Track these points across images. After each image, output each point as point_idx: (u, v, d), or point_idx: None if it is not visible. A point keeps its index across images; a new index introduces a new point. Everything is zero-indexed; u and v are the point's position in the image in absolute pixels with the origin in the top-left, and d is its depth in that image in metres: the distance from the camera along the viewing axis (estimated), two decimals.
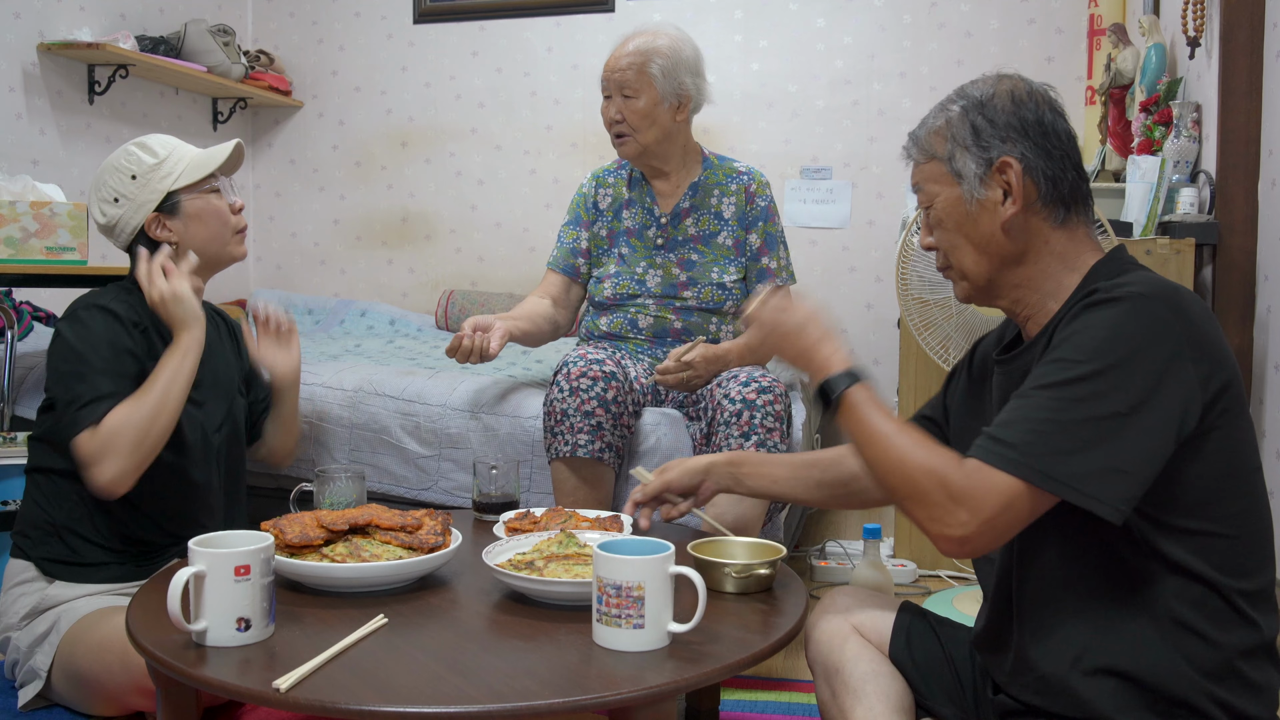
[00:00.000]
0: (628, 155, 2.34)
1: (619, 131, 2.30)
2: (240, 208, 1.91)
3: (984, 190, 1.20)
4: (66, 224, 2.40)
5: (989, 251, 1.22)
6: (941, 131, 1.24)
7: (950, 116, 1.24)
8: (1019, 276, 1.22)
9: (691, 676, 1.12)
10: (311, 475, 2.51)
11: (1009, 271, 1.22)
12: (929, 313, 2.34)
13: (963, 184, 1.21)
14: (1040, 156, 1.19)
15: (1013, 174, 1.18)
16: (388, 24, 4.55)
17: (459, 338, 2.21)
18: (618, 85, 2.28)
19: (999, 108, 1.21)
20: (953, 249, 1.25)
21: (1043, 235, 1.20)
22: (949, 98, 1.27)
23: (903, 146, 1.31)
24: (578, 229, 2.44)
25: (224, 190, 1.89)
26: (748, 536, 1.61)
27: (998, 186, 1.20)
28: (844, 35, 4.09)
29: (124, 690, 1.63)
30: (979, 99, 1.22)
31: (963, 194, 1.22)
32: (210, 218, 1.86)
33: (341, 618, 1.29)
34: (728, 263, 2.35)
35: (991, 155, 1.19)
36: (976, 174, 1.20)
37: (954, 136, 1.22)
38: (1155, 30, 2.94)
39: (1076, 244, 1.21)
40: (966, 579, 2.74)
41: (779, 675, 2.04)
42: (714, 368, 2.17)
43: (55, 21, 3.59)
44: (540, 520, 1.67)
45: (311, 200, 4.70)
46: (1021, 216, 1.19)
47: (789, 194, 4.14)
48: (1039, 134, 1.19)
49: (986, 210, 1.20)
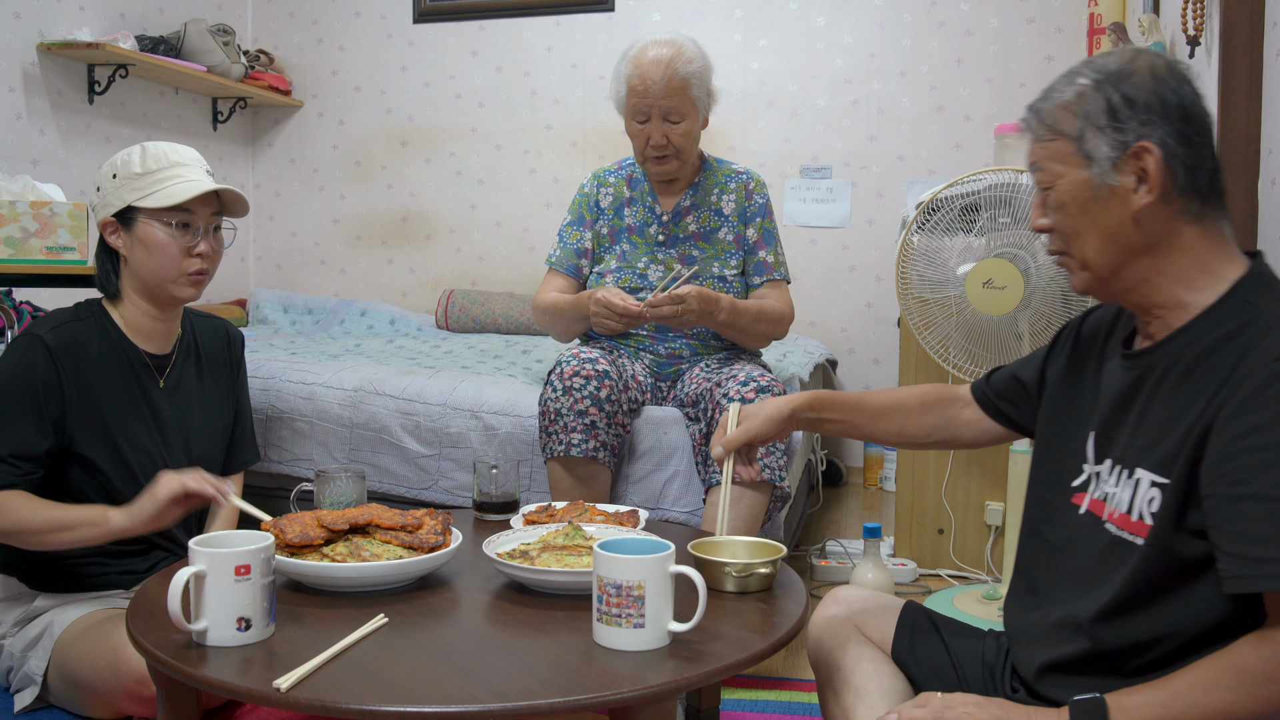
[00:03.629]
0: (668, 174, 2.32)
1: (663, 154, 2.27)
2: (205, 253, 1.76)
3: (1116, 175, 1.10)
4: (66, 224, 2.40)
5: (1116, 241, 1.12)
6: (1071, 107, 1.12)
7: (1082, 90, 1.12)
8: (1146, 270, 1.12)
9: (691, 676, 1.12)
10: (311, 475, 2.52)
11: (1135, 264, 1.12)
12: (929, 312, 2.34)
13: (1092, 167, 1.11)
14: (1180, 143, 1.08)
15: (1151, 160, 1.08)
16: (387, 24, 4.55)
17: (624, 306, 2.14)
18: (662, 111, 2.22)
19: (1139, 85, 1.09)
20: (1075, 236, 1.15)
21: (1175, 228, 1.10)
22: (1076, 69, 1.14)
23: (1021, 119, 1.19)
24: (581, 229, 2.44)
25: (197, 231, 1.76)
26: (748, 536, 1.61)
27: (1131, 172, 1.09)
28: (844, 34, 4.08)
29: (115, 696, 1.63)
30: (1116, 73, 1.10)
31: (1091, 178, 1.11)
32: (156, 250, 1.73)
33: (342, 617, 1.29)
34: (728, 257, 2.35)
35: (1128, 138, 1.08)
36: (1109, 157, 1.10)
37: (1086, 114, 1.11)
38: (1155, 29, 2.94)
39: (1211, 242, 1.11)
40: (967, 578, 2.74)
41: (779, 675, 2.04)
42: (707, 307, 2.14)
43: (55, 21, 3.59)
44: (558, 514, 1.69)
45: (311, 200, 4.70)
46: (1154, 206, 1.09)
47: (789, 193, 4.14)
48: (1180, 117, 1.08)
49: (1117, 197, 1.10)
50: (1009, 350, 2.28)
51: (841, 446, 4.14)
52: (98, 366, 1.75)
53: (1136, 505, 1.10)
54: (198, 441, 1.89)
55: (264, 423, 2.62)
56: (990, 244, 2.23)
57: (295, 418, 2.60)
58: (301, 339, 3.71)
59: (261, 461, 2.61)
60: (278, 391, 2.64)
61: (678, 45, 2.24)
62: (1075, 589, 1.17)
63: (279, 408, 2.62)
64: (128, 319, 1.81)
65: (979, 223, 2.23)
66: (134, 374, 1.79)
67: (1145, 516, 1.08)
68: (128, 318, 1.81)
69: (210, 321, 2.00)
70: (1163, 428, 1.09)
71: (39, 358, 1.68)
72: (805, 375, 2.94)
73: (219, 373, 1.97)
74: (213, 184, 1.75)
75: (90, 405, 1.72)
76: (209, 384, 1.94)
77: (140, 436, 1.78)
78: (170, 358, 1.86)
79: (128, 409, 1.77)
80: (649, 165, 2.32)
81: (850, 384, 4.15)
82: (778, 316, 2.31)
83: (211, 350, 1.96)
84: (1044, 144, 1.16)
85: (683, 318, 2.13)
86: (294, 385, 2.64)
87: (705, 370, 2.29)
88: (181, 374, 1.88)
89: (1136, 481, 1.11)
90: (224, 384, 1.98)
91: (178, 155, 1.76)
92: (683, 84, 2.21)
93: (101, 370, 1.75)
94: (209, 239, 1.78)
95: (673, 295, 2.10)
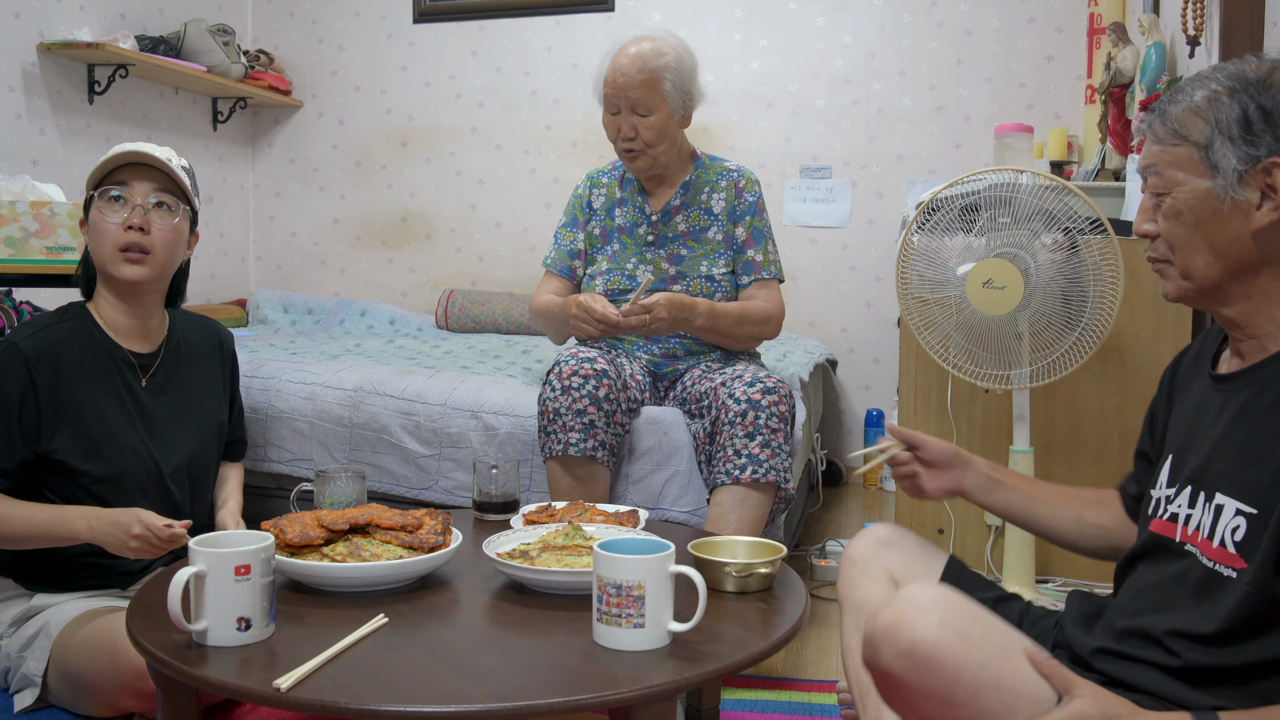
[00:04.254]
0: (639, 170, 2.33)
1: (630, 148, 2.29)
2: (135, 224, 1.73)
3: (1240, 190, 1.05)
4: (66, 224, 2.40)
5: (1228, 257, 1.08)
6: (1202, 112, 1.07)
7: (1214, 95, 1.07)
8: (1251, 288, 1.08)
9: (691, 676, 1.12)
10: (311, 475, 2.52)
11: (1241, 280, 1.09)
12: (929, 312, 2.34)
13: (1217, 178, 1.06)
14: None
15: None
16: (387, 23, 4.55)
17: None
18: (630, 103, 2.25)
19: (1278, 97, 1.04)
20: (1184, 245, 1.10)
21: None
22: (1206, 74, 1.09)
23: (1143, 119, 1.15)
24: (574, 230, 2.44)
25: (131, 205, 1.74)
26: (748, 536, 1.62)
27: (1257, 188, 1.05)
28: (844, 34, 4.08)
29: (114, 691, 1.63)
30: (1255, 81, 1.05)
31: (1214, 189, 1.06)
32: (95, 231, 1.75)
33: (342, 617, 1.29)
34: (716, 256, 2.35)
35: (1259, 153, 1.04)
36: (1236, 170, 1.05)
37: (1217, 121, 1.06)
38: (1155, 29, 2.94)
39: None
40: None
41: (779, 675, 2.04)
42: (680, 314, 2.14)
43: (55, 21, 3.59)
44: (558, 514, 1.69)
45: (311, 200, 4.70)
46: (1277, 226, 1.05)
47: (789, 193, 4.14)
48: None
49: (1239, 211, 1.06)
50: (1009, 350, 2.28)
51: (841, 446, 4.14)
52: (78, 368, 1.76)
53: (1220, 531, 1.07)
54: (188, 440, 1.89)
55: (264, 423, 2.62)
56: (990, 244, 2.23)
57: (295, 418, 2.60)
58: (301, 339, 3.71)
59: (261, 461, 2.62)
60: (278, 391, 2.64)
61: (656, 41, 2.28)
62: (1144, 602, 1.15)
63: (279, 408, 2.62)
64: (106, 317, 1.82)
65: (979, 223, 2.23)
66: (118, 372, 1.80)
67: (1228, 544, 1.05)
68: (105, 316, 1.82)
69: (200, 322, 2.01)
70: (1251, 454, 1.06)
71: (13, 367, 1.70)
72: (805, 375, 2.94)
73: (210, 372, 1.98)
74: (133, 147, 1.76)
75: (70, 409, 1.74)
76: (199, 384, 1.95)
77: (126, 436, 1.79)
78: (156, 356, 1.87)
79: (112, 409, 1.78)
80: (624, 159, 2.34)
81: (850, 384, 4.15)
82: (764, 317, 2.31)
83: (202, 350, 1.97)
84: (1165, 148, 1.11)
85: (651, 327, 2.12)
86: (294, 385, 2.64)
87: (706, 370, 2.28)
88: (169, 373, 1.89)
89: (1219, 508, 1.07)
90: (216, 383, 1.99)
91: (136, 146, 1.78)
92: (652, 77, 2.23)
93: (83, 371, 1.76)
94: (146, 214, 1.76)
95: (641, 304, 2.09)
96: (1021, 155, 2.89)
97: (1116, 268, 2.17)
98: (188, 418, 1.90)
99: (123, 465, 1.77)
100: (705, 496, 2.21)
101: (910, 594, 1.04)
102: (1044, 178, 2.20)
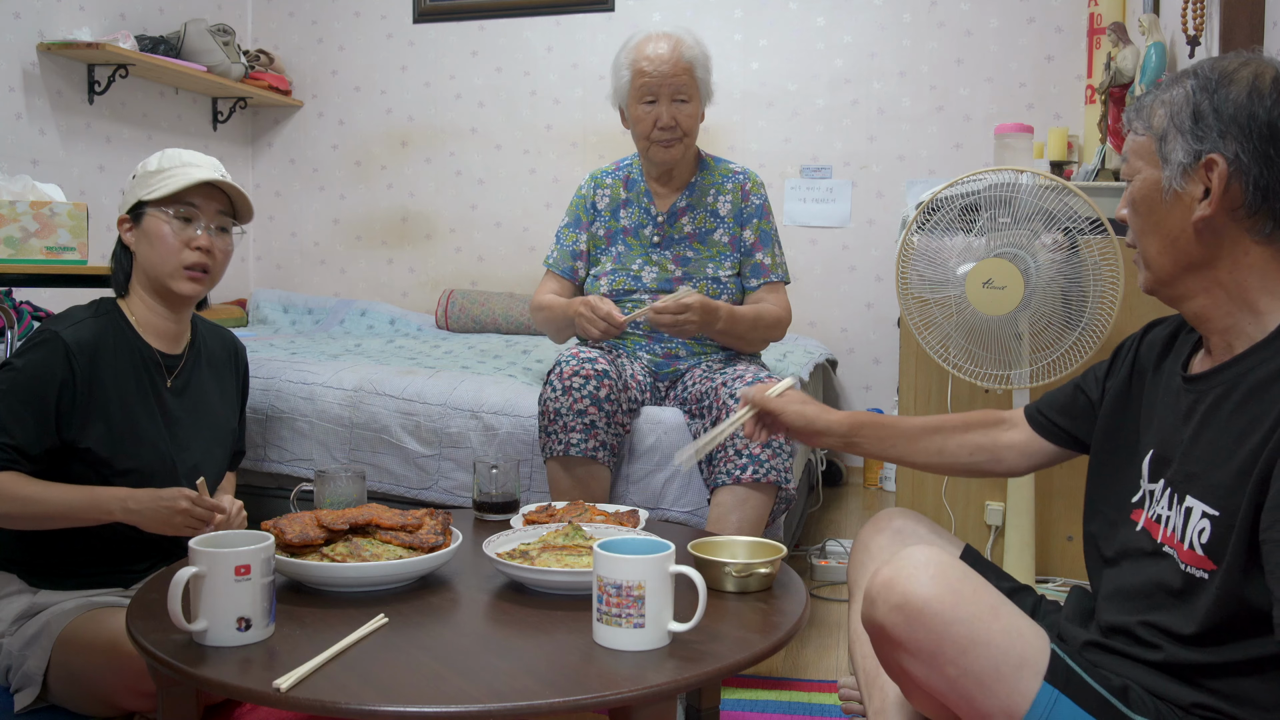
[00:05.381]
0: (671, 158, 2.32)
1: (668, 138, 2.29)
2: (203, 246, 1.80)
3: (1184, 182, 1.08)
4: (66, 224, 2.40)
5: (1176, 247, 1.11)
6: (1167, 104, 1.11)
7: (1183, 90, 1.10)
8: (1206, 282, 1.10)
9: (691, 676, 1.12)
10: (311, 475, 2.52)
11: (1196, 274, 1.11)
12: (929, 312, 2.34)
13: (1165, 169, 1.10)
14: (1258, 161, 1.05)
15: (1216, 175, 1.06)
16: (387, 24, 4.55)
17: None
18: (672, 90, 2.26)
19: (1231, 96, 1.06)
20: (1140, 233, 1.15)
21: (1242, 246, 1.08)
22: (1186, 70, 1.12)
23: (1127, 108, 1.17)
24: (577, 231, 2.44)
25: (199, 226, 1.80)
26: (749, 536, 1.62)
27: (1200, 182, 1.08)
28: (844, 34, 4.08)
29: (115, 690, 1.63)
30: (1212, 80, 1.08)
31: (1162, 179, 1.10)
32: (157, 241, 1.79)
33: (342, 617, 1.29)
34: (723, 258, 2.35)
35: (1202, 148, 1.07)
36: (1181, 163, 1.08)
37: (1173, 115, 1.09)
38: (1155, 29, 2.94)
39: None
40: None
41: (779, 675, 2.04)
42: (707, 317, 2.16)
43: (55, 21, 3.59)
44: (558, 514, 1.69)
45: (311, 200, 4.70)
46: (1217, 221, 1.07)
47: (789, 193, 4.14)
48: (1265, 136, 1.05)
49: (1181, 204, 1.09)
50: (1009, 350, 2.28)
51: None
52: (112, 363, 1.79)
53: (1189, 534, 1.08)
54: (203, 442, 1.92)
55: (264, 423, 2.62)
56: (990, 244, 2.23)
57: (295, 418, 2.60)
58: (301, 339, 3.71)
59: (261, 461, 2.62)
60: (278, 391, 2.64)
61: (680, 32, 2.32)
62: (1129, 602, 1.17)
63: (279, 407, 2.62)
64: (139, 316, 1.85)
65: (979, 223, 2.23)
66: (146, 371, 1.84)
67: (1196, 547, 1.06)
68: (139, 315, 1.85)
69: (216, 330, 2.06)
70: (1215, 457, 1.07)
71: (57, 356, 1.72)
72: (805, 375, 2.94)
73: (224, 379, 2.02)
74: (212, 175, 1.80)
75: (102, 401, 1.76)
76: (215, 389, 1.98)
77: (149, 433, 1.81)
78: (181, 359, 1.91)
79: (139, 405, 1.81)
80: (654, 150, 2.31)
81: (850, 384, 4.15)
82: (774, 320, 2.33)
83: (219, 357, 2.01)
84: (1135, 137, 1.15)
85: (683, 327, 2.14)
86: (294, 385, 2.64)
87: (707, 370, 2.28)
88: (190, 376, 1.93)
89: (1188, 510, 1.09)
90: (230, 391, 2.03)
91: (192, 157, 1.83)
92: (690, 64, 2.28)
93: (116, 366, 1.79)
94: (211, 235, 1.82)
95: (680, 304, 2.11)
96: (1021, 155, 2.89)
97: (1117, 268, 2.17)
98: (203, 421, 1.93)
99: (143, 461, 1.80)
100: (705, 496, 2.21)
101: (909, 553, 1.10)
102: (1044, 178, 2.20)
